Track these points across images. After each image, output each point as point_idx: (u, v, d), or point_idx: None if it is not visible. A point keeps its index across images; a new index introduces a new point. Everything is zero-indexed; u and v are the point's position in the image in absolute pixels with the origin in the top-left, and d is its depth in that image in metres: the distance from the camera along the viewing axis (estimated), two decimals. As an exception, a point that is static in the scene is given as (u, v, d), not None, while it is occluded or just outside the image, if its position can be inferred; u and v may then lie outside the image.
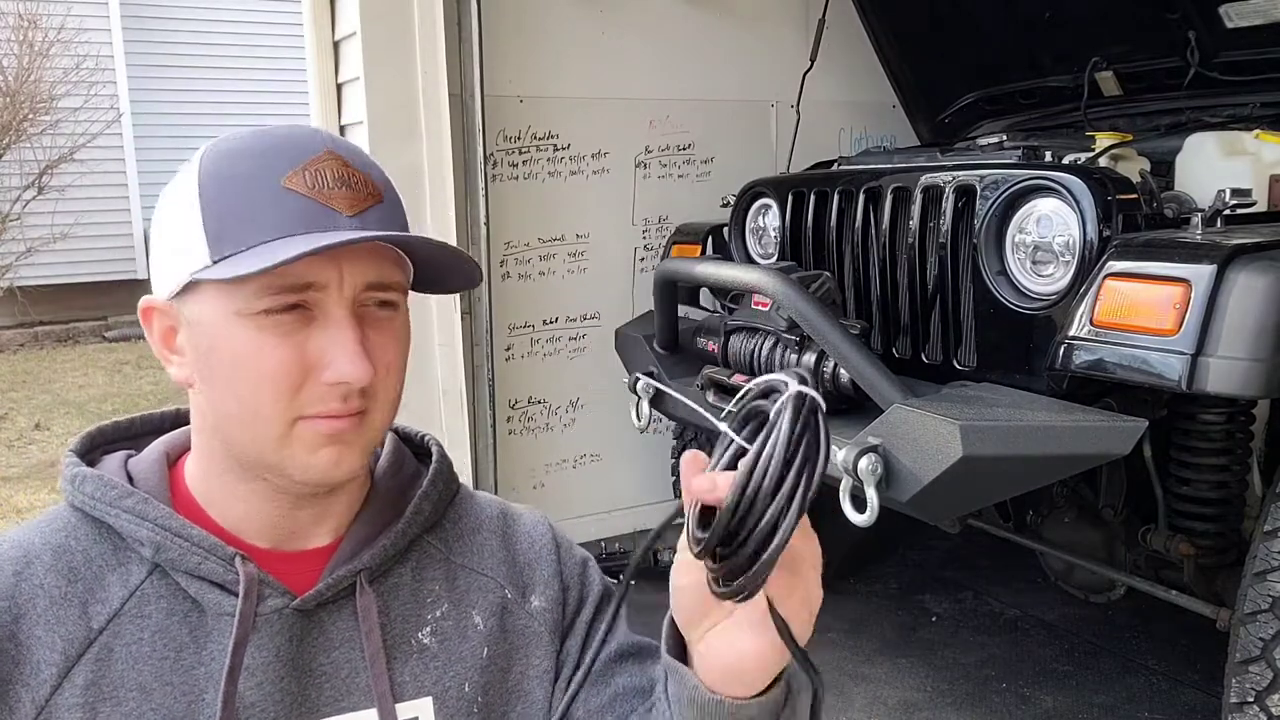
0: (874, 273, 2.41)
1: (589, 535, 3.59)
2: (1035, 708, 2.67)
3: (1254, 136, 2.27)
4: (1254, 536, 1.84)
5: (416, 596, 0.88)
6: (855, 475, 1.90)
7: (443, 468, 0.94)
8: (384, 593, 0.86)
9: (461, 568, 0.92)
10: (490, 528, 0.96)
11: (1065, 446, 1.83)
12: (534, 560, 0.95)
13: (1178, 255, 1.73)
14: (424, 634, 0.87)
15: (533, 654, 0.92)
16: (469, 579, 0.92)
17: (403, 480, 0.92)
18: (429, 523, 0.91)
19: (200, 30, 9.63)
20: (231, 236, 0.74)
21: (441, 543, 0.92)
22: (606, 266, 3.50)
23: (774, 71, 3.64)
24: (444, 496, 0.93)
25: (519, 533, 0.97)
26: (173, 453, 0.87)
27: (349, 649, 0.83)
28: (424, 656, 0.86)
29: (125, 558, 0.80)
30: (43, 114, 8.19)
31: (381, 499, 0.89)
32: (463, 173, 2.99)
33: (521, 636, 0.92)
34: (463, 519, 0.95)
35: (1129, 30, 2.79)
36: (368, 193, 0.78)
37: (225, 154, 0.78)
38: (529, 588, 0.94)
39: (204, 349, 0.77)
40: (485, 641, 0.90)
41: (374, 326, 0.79)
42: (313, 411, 0.77)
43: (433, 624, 0.88)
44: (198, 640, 0.78)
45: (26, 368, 7.50)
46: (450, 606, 0.89)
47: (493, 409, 3.13)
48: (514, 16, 3.22)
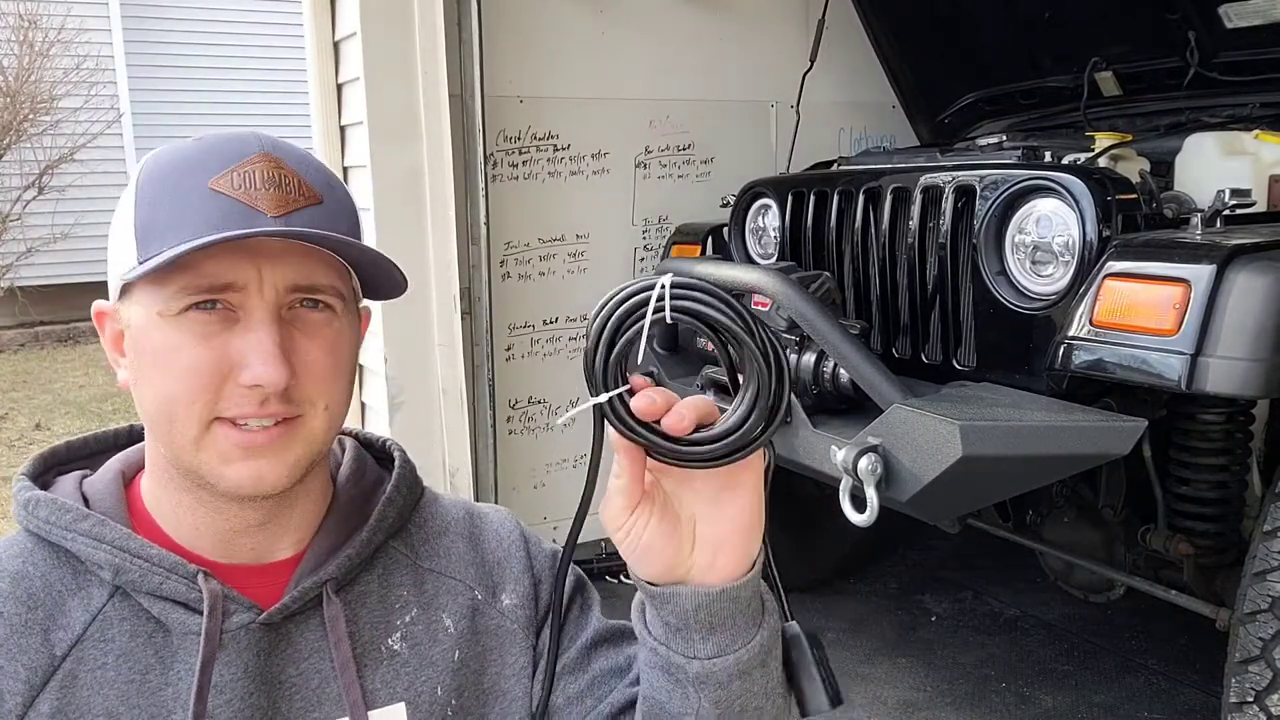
0: (874, 273, 2.41)
1: (589, 535, 3.58)
2: (1035, 707, 2.67)
3: (1254, 136, 2.27)
4: (1253, 536, 1.84)
5: (385, 603, 0.88)
6: (855, 475, 1.90)
7: (406, 473, 0.94)
8: (351, 601, 0.86)
9: (429, 571, 0.91)
10: (457, 530, 0.95)
11: (1065, 446, 1.83)
12: (503, 558, 0.95)
13: (1177, 255, 1.73)
14: (394, 640, 0.87)
15: (507, 652, 0.92)
16: (437, 582, 0.91)
17: (365, 487, 0.92)
18: (394, 528, 0.90)
19: (200, 30, 9.63)
20: (157, 238, 0.74)
21: (408, 548, 0.92)
22: (606, 267, 3.50)
23: (774, 71, 3.64)
24: (408, 502, 0.93)
25: (486, 532, 0.96)
26: (128, 470, 0.86)
27: (319, 659, 0.83)
28: (395, 663, 0.86)
29: (85, 581, 0.79)
30: (43, 114, 8.19)
31: (345, 507, 0.89)
32: (463, 173, 2.99)
33: (494, 636, 0.92)
34: (429, 523, 0.95)
35: (1129, 30, 2.79)
36: (300, 194, 0.77)
37: (163, 160, 0.78)
38: (499, 586, 0.94)
39: (137, 350, 0.78)
40: (456, 644, 0.89)
41: (303, 330, 0.78)
42: (230, 414, 0.76)
43: (402, 629, 0.88)
44: (164, 661, 0.78)
45: (27, 368, 7.50)
46: (419, 611, 0.89)
47: (493, 409, 3.13)
48: (514, 16, 3.22)
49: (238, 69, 9.75)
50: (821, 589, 3.37)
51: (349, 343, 0.83)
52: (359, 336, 0.86)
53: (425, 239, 2.82)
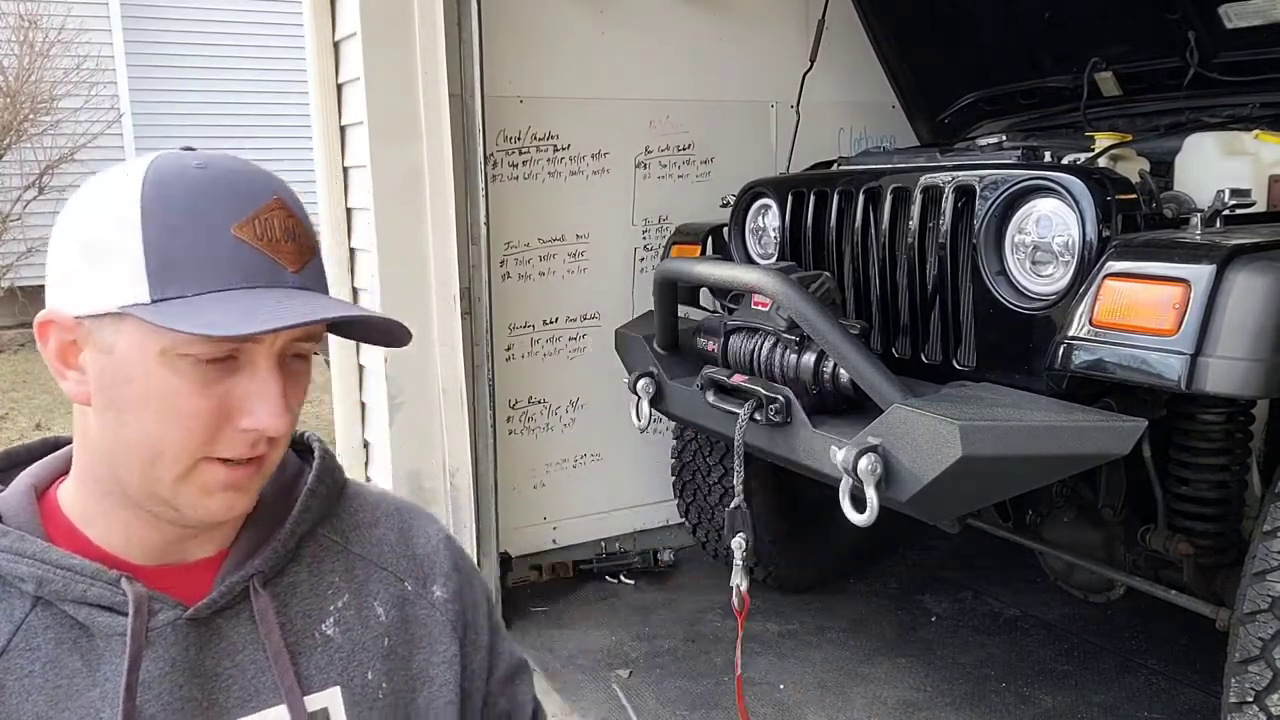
0: (874, 273, 2.41)
1: (589, 535, 3.60)
2: (1035, 707, 2.67)
3: (1253, 136, 2.27)
4: (1253, 536, 1.84)
5: (316, 590, 0.90)
6: (855, 475, 1.90)
7: (326, 463, 0.95)
8: (280, 593, 0.87)
9: (360, 558, 0.94)
10: (388, 522, 0.97)
11: (1065, 446, 1.83)
12: (432, 553, 0.98)
13: (1177, 255, 1.73)
14: (327, 625, 0.89)
15: (437, 641, 0.95)
16: (368, 570, 0.93)
17: (286, 480, 0.93)
18: (319, 517, 0.92)
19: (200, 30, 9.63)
20: (177, 280, 0.73)
21: (338, 534, 0.94)
22: (606, 266, 3.51)
23: (774, 71, 3.64)
24: (332, 491, 0.94)
25: (415, 528, 0.99)
26: (41, 483, 0.86)
27: (253, 650, 0.84)
28: (329, 648, 0.88)
29: (5, 593, 0.79)
30: (43, 114, 8.20)
31: (268, 504, 0.90)
32: (463, 173, 2.99)
33: (424, 626, 0.94)
34: (359, 512, 0.96)
35: (1129, 30, 2.79)
36: (308, 244, 0.80)
37: (172, 184, 0.75)
38: (429, 579, 0.96)
39: (117, 379, 0.76)
40: (386, 632, 0.92)
41: (291, 377, 0.81)
42: (220, 454, 0.78)
43: (335, 614, 0.90)
44: (90, 665, 0.79)
45: (27, 368, 7.50)
46: (351, 596, 0.91)
47: (493, 409, 3.14)
48: (514, 16, 3.22)
49: (238, 69, 9.75)
50: (821, 589, 3.37)
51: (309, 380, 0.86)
52: None
53: (425, 239, 2.82)
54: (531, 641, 3.09)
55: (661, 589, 3.46)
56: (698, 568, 3.58)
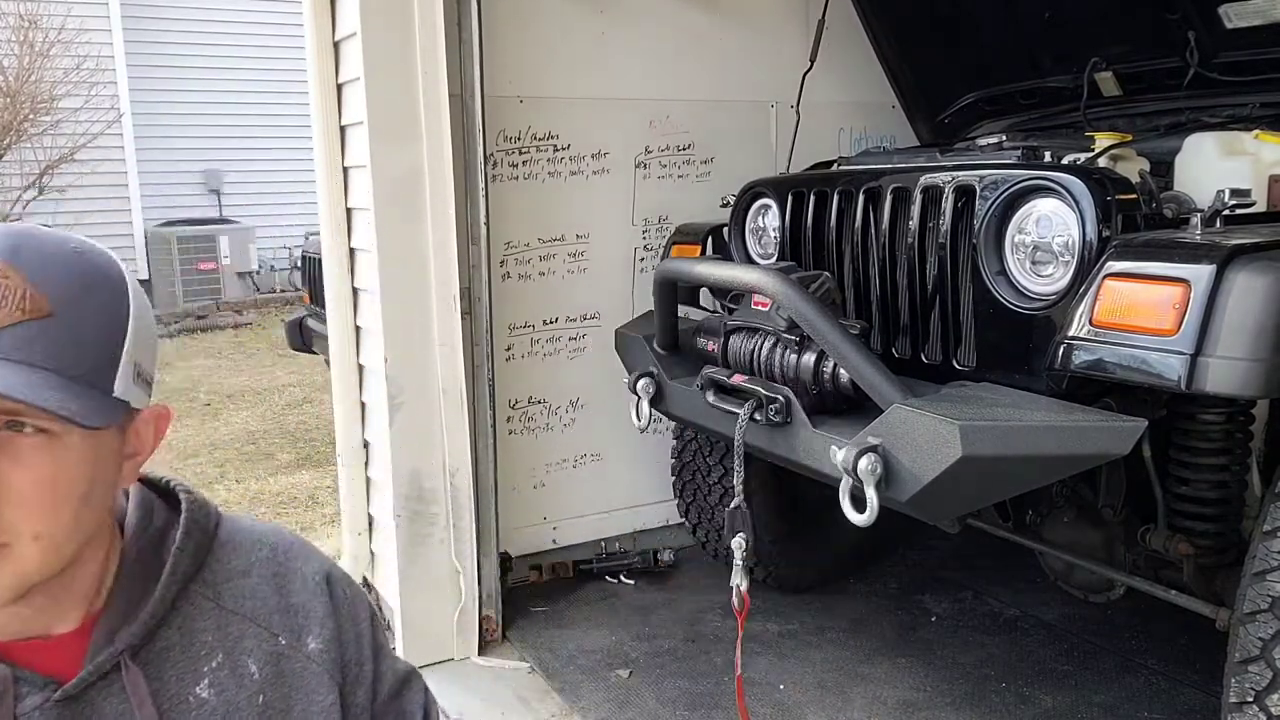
0: (874, 273, 2.41)
1: (589, 535, 3.60)
2: (1035, 707, 2.67)
3: (1253, 136, 2.27)
4: (1253, 536, 1.84)
5: (188, 653, 0.88)
6: (855, 475, 1.90)
7: (193, 515, 0.92)
8: (152, 659, 0.86)
9: (233, 614, 0.92)
10: (260, 571, 0.95)
11: (1065, 446, 1.83)
12: (308, 601, 0.96)
13: (1177, 255, 1.73)
14: (201, 688, 0.87)
15: (314, 692, 0.93)
16: (241, 626, 0.91)
17: (154, 536, 0.91)
18: (190, 575, 0.90)
19: (199, 30, 9.64)
20: None
21: (209, 588, 0.91)
22: (606, 266, 3.51)
23: (774, 71, 3.64)
24: (202, 545, 0.92)
25: (291, 573, 0.96)
26: None
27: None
28: (203, 711, 0.87)
29: None
30: (43, 114, 8.20)
31: (134, 565, 0.88)
32: (463, 173, 2.99)
33: (300, 678, 0.93)
34: (230, 560, 0.94)
35: (1129, 30, 2.79)
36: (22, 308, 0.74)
37: None
38: (304, 630, 0.95)
39: None
40: (261, 689, 0.90)
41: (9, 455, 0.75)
42: None
43: (209, 675, 0.88)
44: None
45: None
46: (225, 655, 0.90)
47: (493, 409, 3.13)
48: (514, 17, 3.22)
49: (237, 69, 9.76)
50: (821, 589, 3.37)
51: (75, 468, 0.78)
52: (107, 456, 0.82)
53: (425, 239, 2.82)
54: (531, 641, 3.09)
55: (661, 589, 3.46)
56: (698, 568, 3.58)
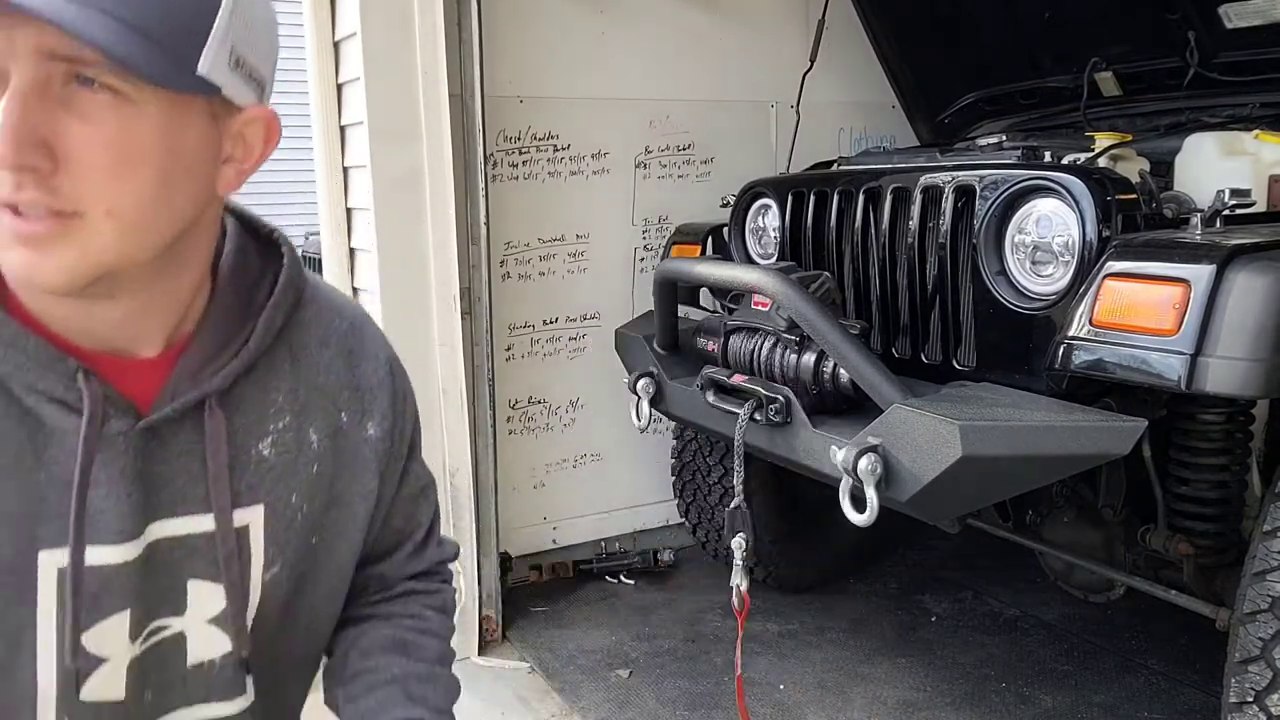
0: (874, 273, 2.41)
1: (589, 535, 3.60)
2: (1035, 707, 2.67)
3: (1253, 136, 2.27)
4: (1254, 536, 1.84)
5: (260, 408, 0.89)
6: (855, 475, 1.90)
7: (292, 275, 0.92)
8: (227, 405, 0.86)
9: (306, 381, 0.93)
10: (338, 345, 0.96)
11: (1065, 446, 1.83)
12: (375, 387, 0.98)
13: (1177, 255, 1.73)
14: (264, 445, 0.89)
15: (359, 474, 0.96)
16: (310, 395, 0.93)
17: (248, 281, 0.90)
18: (278, 333, 0.90)
19: (200, 30, 9.62)
20: None
21: (289, 351, 0.92)
22: (606, 266, 3.51)
23: (774, 71, 3.64)
24: (294, 304, 0.92)
25: (364, 356, 0.98)
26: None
27: (189, 460, 0.84)
28: (261, 468, 0.89)
29: None
30: (43, 114, 8.19)
31: (225, 303, 0.87)
32: (463, 173, 2.99)
33: (352, 458, 0.96)
34: (311, 327, 0.95)
35: (1129, 30, 2.79)
36: None
37: None
38: (367, 414, 0.97)
39: None
40: (317, 458, 0.92)
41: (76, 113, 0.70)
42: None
43: (274, 435, 0.90)
44: (37, 449, 0.78)
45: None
46: (292, 419, 0.91)
47: (493, 409, 3.13)
48: (514, 16, 3.22)
49: (238, 69, 9.73)
50: (821, 589, 3.37)
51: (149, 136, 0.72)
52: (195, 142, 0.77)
53: (425, 239, 2.82)
54: (531, 641, 3.09)
55: (661, 589, 3.46)
56: (698, 568, 3.58)
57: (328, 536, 0.95)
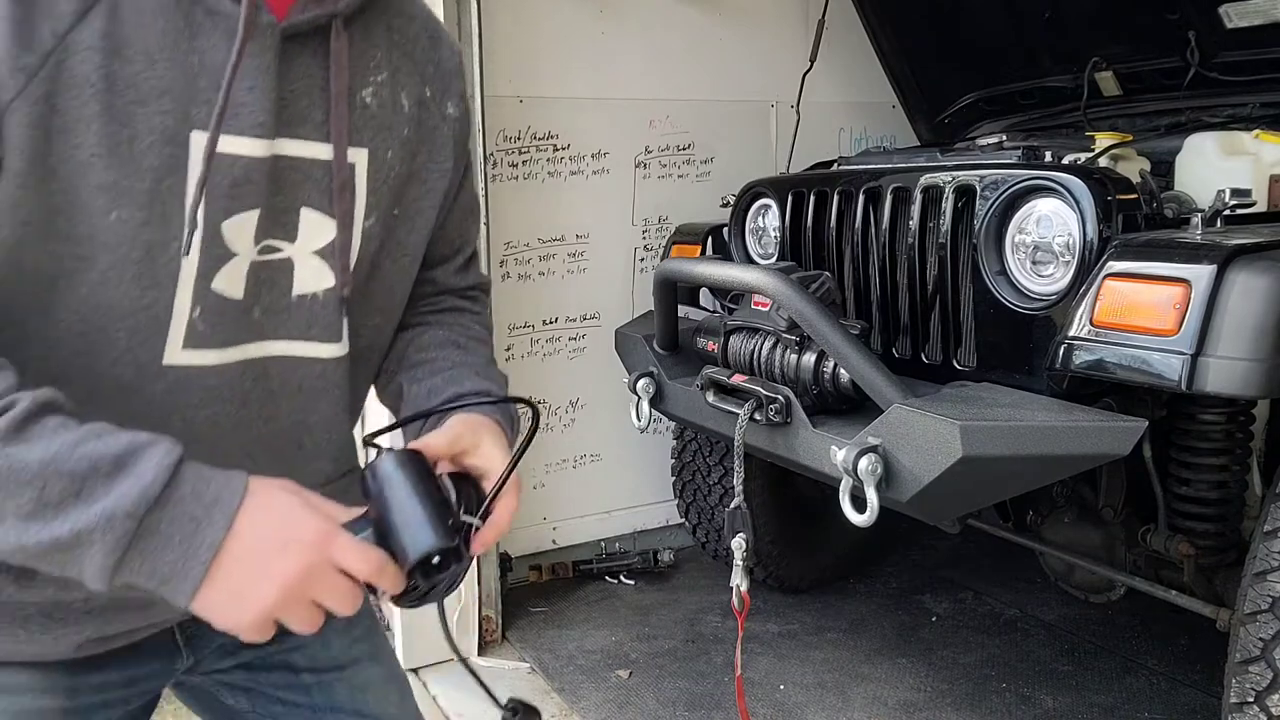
0: (874, 273, 2.41)
1: (589, 535, 3.60)
2: (1035, 708, 2.67)
3: (1254, 136, 2.27)
4: (1254, 536, 1.84)
5: (363, 56, 0.93)
6: (855, 475, 1.90)
7: None
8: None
9: (399, 49, 0.97)
10: (423, 24, 1.01)
11: (1065, 447, 1.82)
12: (452, 72, 1.03)
13: (1177, 255, 1.73)
14: (366, 93, 0.93)
15: (438, 150, 1.01)
16: (401, 60, 0.97)
17: None
18: None
19: (200, 30, 9.62)
20: None
21: (385, 17, 0.96)
22: (606, 266, 3.51)
23: (774, 71, 3.64)
24: None
25: (443, 41, 1.03)
26: None
27: (309, 84, 0.88)
28: (365, 114, 0.93)
29: None
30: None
31: None
32: (463, 173, 2.99)
33: (433, 133, 1.00)
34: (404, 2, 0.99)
35: (1129, 30, 2.79)
36: None
37: None
38: (446, 93, 1.02)
39: None
40: (407, 122, 0.97)
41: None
42: None
43: (374, 87, 0.94)
44: (192, 29, 0.81)
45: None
46: (388, 76, 0.95)
47: (493, 409, 3.13)
48: (514, 16, 3.22)
49: (238, 69, 9.73)
50: (821, 589, 3.37)
51: None
52: None
53: (425, 239, 2.82)
54: (531, 642, 3.09)
55: (661, 589, 3.46)
56: (698, 568, 3.58)
57: (409, 210, 1.00)
